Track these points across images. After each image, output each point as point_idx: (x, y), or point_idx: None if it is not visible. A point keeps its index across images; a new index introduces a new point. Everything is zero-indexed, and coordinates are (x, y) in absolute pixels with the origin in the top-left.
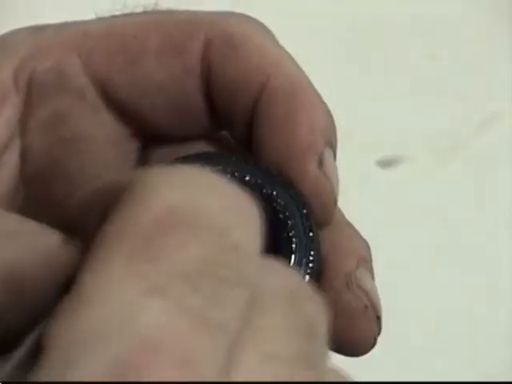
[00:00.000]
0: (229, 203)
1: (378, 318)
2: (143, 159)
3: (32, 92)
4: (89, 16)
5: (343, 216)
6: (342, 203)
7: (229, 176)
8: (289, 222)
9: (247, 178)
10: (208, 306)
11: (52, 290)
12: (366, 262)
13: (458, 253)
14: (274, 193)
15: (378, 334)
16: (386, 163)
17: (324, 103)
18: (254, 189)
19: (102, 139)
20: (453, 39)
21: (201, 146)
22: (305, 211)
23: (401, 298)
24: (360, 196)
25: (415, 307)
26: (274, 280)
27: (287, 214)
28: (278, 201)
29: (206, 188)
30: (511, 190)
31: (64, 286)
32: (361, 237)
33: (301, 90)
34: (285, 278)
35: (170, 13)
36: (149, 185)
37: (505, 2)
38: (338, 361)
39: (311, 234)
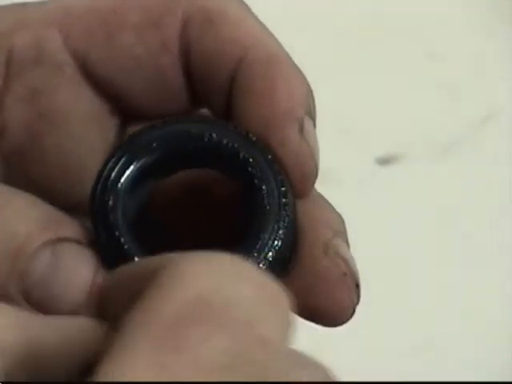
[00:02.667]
0: (258, 293)
1: (357, 287)
2: (121, 136)
3: (10, 67)
4: None
5: (315, 189)
6: (341, 201)
7: (207, 139)
8: (263, 187)
9: (225, 142)
10: None
11: (72, 370)
12: (341, 233)
13: (459, 249)
14: (251, 158)
15: (357, 303)
16: (385, 161)
17: (302, 74)
18: (232, 152)
19: (80, 115)
20: (452, 38)
21: None
22: (280, 177)
23: (400, 293)
24: (359, 194)
25: (415, 303)
26: (301, 373)
27: (263, 179)
28: (254, 166)
29: (235, 277)
30: (511, 187)
31: (85, 366)
32: (334, 209)
33: (278, 61)
34: (312, 372)
35: None
36: (177, 272)
37: (505, 1)
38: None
39: (285, 200)
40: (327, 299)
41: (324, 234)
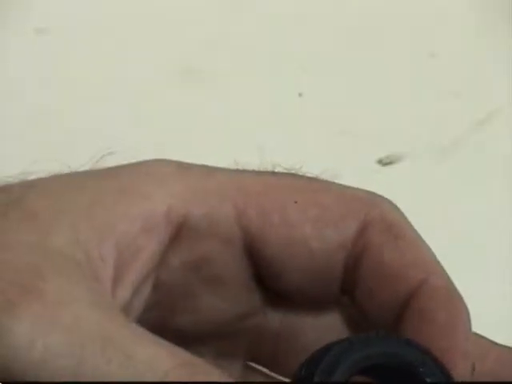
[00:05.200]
0: None
1: None
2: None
3: (182, 231)
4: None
5: None
6: None
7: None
8: None
9: (398, 359)
10: None
11: None
12: None
13: (461, 250)
14: (428, 374)
15: None
16: (386, 162)
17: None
18: (409, 369)
19: (236, 282)
20: (454, 37)
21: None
22: None
23: None
24: None
25: None
26: None
27: None
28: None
29: None
30: (511, 186)
31: None
32: None
33: (456, 296)
34: None
35: (325, 183)
36: None
37: (506, 1)
38: None
39: None
40: None
41: None
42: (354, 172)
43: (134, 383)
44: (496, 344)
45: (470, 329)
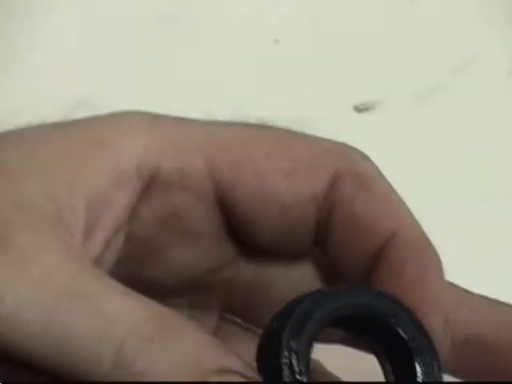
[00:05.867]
0: None
1: None
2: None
3: (152, 185)
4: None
5: None
6: None
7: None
8: (416, 355)
9: (371, 310)
10: None
11: None
12: None
13: (434, 197)
14: (401, 323)
15: None
16: (362, 108)
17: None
18: (382, 319)
19: (207, 236)
20: None
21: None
22: (431, 344)
23: None
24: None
25: None
26: None
27: (413, 345)
28: (407, 333)
29: None
30: (488, 135)
31: None
32: None
33: (427, 247)
34: None
35: (297, 135)
36: None
37: None
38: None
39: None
40: None
41: None
42: (330, 119)
43: None
44: (470, 293)
45: (442, 280)
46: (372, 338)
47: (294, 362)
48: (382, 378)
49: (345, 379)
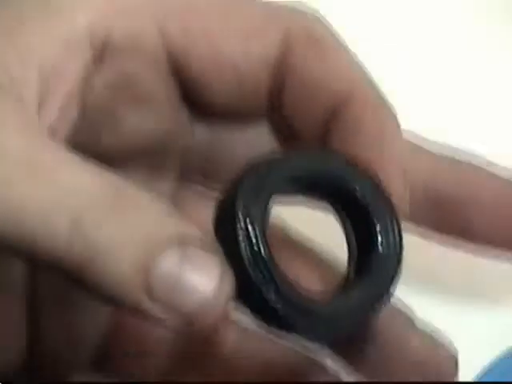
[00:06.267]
0: None
1: None
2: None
3: (105, 51)
4: None
5: None
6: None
7: (325, 172)
8: (376, 219)
9: (329, 173)
10: None
11: None
12: None
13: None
14: (360, 187)
15: None
16: None
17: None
18: (340, 183)
19: (161, 99)
20: None
21: (253, 128)
22: (390, 206)
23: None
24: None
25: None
26: None
27: (378, 215)
28: (370, 200)
29: None
30: None
31: None
32: None
33: (382, 103)
34: None
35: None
36: None
37: None
38: None
39: (399, 231)
40: None
41: None
42: None
43: None
44: (431, 152)
45: (398, 137)
46: (332, 202)
47: (250, 227)
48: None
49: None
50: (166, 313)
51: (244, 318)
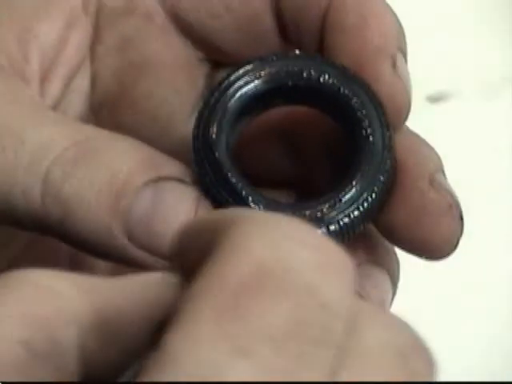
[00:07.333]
0: (319, 259)
1: (461, 219)
2: (211, 84)
3: (101, 17)
4: None
5: (407, 126)
6: None
7: (306, 75)
8: (366, 120)
9: (324, 78)
10: (295, 366)
11: (148, 326)
12: (442, 166)
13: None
14: (351, 92)
15: (461, 235)
16: (436, 98)
17: (393, 12)
18: (332, 88)
19: (170, 63)
20: None
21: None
22: (381, 110)
23: None
24: None
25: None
26: (372, 335)
27: (364, 112)
28: (355, 100)
29: (296, 243)
30: None
31: (161, 322)
32: (430, 145)
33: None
34: (388, 333)
35: None
36: (240, 238)
37: None
38: None
39: (388, 133)
40: (434, 231)
41: (428, 167)
42: None
43: None
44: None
45: (393, 28)
46: (316, 106)
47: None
48: None
49: None
50: (150, 249)
51: None
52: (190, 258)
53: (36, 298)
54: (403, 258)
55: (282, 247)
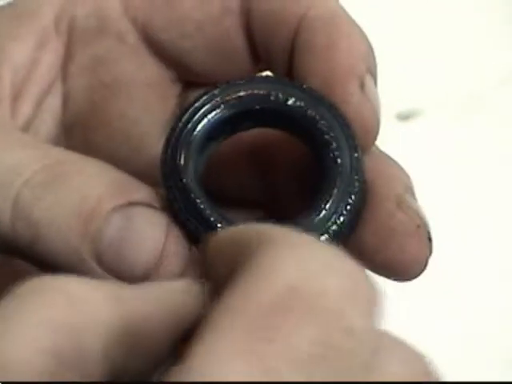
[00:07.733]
0: (346, 283)
1: (429, 240)
2: (183, 104)
3: (73, 37)
4: None
5: (377, 146)
6: None
7: (273, 98)
8: (334, 143)
9: (291, 101)
10: None
11: (173, 335)
12: (411, 187)
13: (478, 204)
14: (318, 115)
15: (429, 255)
16: (406, 116)
17: (363, 32)
18: (299, 111)
19: (142, 83)
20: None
21: None
22: (349, 132)
23: None
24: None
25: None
26: (390, 371)
27: (332, 134)
28: (322, 122)
29: (324, 267)
30: None
31: (185, 331)
32: (399, 165)
33: (340, 20)
34: (405, 368)
35: None
36: (271, 259)
37: None
38: None
39: (356, 155)
40: (402, 252)
41: (395, 188)
42: None
43: None
44: None
45: (363, 49)
46: (290, 129)
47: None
48: None
49: None
50: (119, 275)
51: None
52: (216, 269)
53: (63, 305)
54: None
55: (311, 270)
